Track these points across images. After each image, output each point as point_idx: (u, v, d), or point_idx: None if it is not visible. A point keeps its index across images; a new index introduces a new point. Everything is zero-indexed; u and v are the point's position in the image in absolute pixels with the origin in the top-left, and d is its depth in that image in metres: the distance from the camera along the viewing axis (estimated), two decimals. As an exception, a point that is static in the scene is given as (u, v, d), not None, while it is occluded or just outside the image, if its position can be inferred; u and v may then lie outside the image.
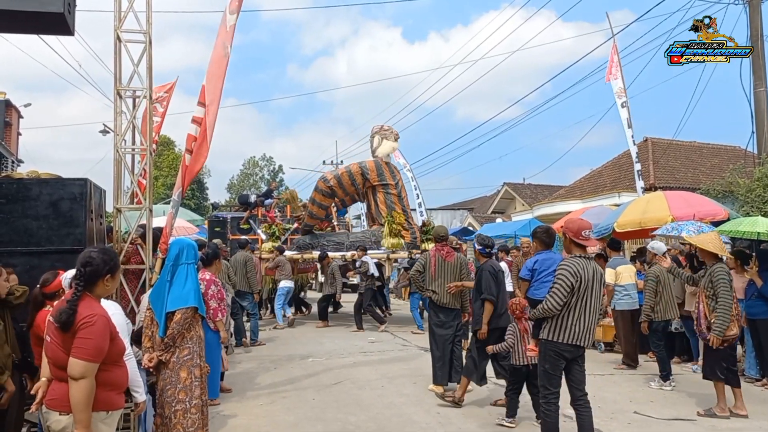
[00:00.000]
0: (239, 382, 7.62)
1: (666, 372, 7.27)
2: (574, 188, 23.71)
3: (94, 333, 2.87)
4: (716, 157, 22.49)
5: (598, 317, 4.66)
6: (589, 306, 4.51)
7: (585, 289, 4.48)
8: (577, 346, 4.52)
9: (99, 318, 2.93)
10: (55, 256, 5.30)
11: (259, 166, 62.76)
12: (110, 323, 3.01)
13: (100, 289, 3.09)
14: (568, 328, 4.49)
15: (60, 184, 5.60)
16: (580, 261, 4.55)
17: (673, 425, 5.76)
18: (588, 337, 4.55)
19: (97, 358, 2.87)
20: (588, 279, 4.49)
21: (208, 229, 17.50)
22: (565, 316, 4.50)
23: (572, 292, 4.46)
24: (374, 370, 8.28)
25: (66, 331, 2.88)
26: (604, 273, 4.63)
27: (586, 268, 4.51)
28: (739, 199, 12.83)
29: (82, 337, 2.86)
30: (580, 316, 4.50)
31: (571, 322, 4.49)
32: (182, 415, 4.32)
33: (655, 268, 7.53)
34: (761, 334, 7.29)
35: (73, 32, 5.36)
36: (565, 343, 4.49)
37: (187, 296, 4.46)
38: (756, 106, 13.17)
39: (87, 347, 2.84)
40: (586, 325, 4.51)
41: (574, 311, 4.49)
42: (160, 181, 39.39)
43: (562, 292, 4.45)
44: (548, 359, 4.60)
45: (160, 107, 12.17)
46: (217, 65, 6.87)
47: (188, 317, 4.44)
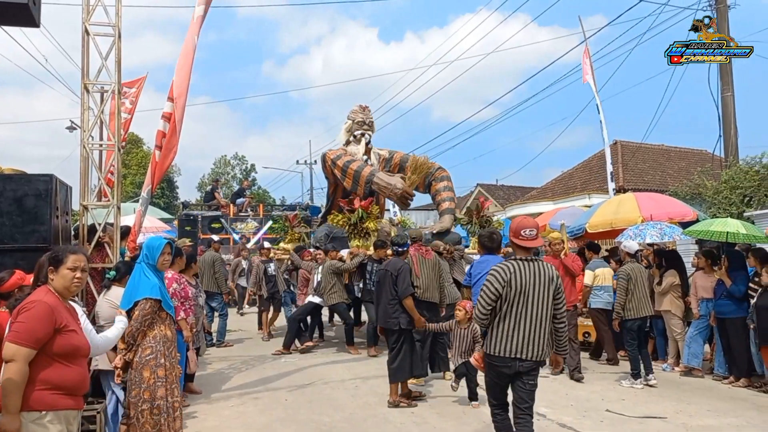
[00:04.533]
0: (210, 383, 7.49)
1: (637, 371, 7.30)
2: (545, 189, 23.98)
3: (29, 317, 2.84)
4: (683, 160, 22.96)
5: (547, 326, 4.10)
6: (529, 313, 4.02)
7: (519, 294, 4.00)
8: (516, 359, 4.02)
9: (39, 304, 2.90)
10: (18, 254, 5.13)
11: (231, 164, 62.11)
12: (57, 314, 2.94)
13: (57, 282, 3.09)
14: (503, 340, 4.04)
15: (24, 180, 5.42)
16: (515, 264, 4.07)
17: (645, 423, 5.81)
18: (532, 348, 4.02)
19: (28, 343, 2.80)
20: (524, 283, 4.01)
21: (179, 227, 17.27)
22: (498, 325, 4.07)
23: (502, 299, 4.02)
24: (347, 370, 8.21)
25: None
26: (555, 274, 4.17)
27: (521, 272, 4.03)
28: (706, 201, 13.10)
29: (17, 321, 2.85)
30: (517, 326, 4.01)
31: (505, 333, 4.03)
32: (148, 414, 4.27)
33: (626, 266, 7.58)
34: (730, 332, 7.41)
35: (38, 24, 5.18)
36: (501, 356, 4.04)
37: (134, 291, 4.40)
38: (723, 110, 13.47)
39: (19, 330, 2.82)
40: (526, 336, 4.01)
41: (507, 320, 4.03)
42: (129, 179, 38.75)
43: (485, 299, 4.04)
44: (489, 372, 4.26)
45: (129, 103, 11.97)
46: (185, 58, 6.79)
47: (147, 313, 4.33)
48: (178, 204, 29.67)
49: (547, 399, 6.48)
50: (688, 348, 7.86)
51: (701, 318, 7.84)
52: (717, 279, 7.66)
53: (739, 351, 7.36)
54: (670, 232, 8.73)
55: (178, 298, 6.27)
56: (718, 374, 7.70)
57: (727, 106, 13.48)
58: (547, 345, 4.12)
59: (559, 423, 5.75)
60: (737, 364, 7.41)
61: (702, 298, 7.85)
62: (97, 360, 4.93)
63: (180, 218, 18.17)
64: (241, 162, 62.09)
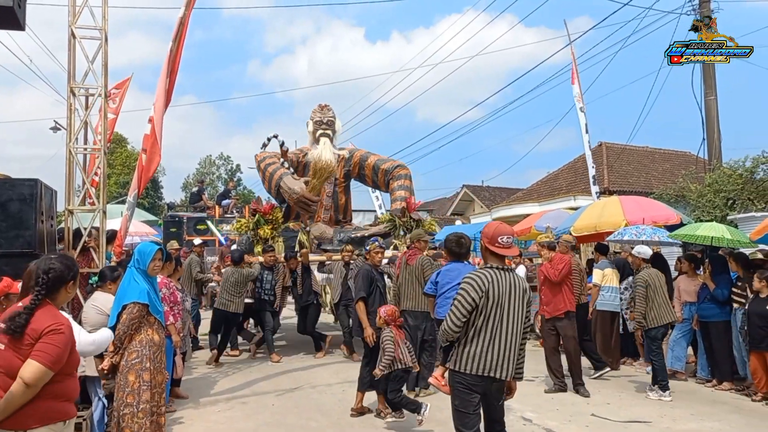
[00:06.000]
0: (196, 387, 7.45)
1: (665, 381, 6.94)
2: (531, 191, 24.10)
3: (60, 341, 2.78)
4: (668, 162, 23.18)
5: (518, 342, 3.76)
6: (504, 328, 3.67)
7: (496, 306, 3.65)
8: (489, 379, 3.67)
9: (67, 327, 2.85)
10: (3, 259, 5.09)
11: (216, 165, 61.77)
12: (73, 334, 2.93)
13: (62, 296, 3.01)
14: (477, 357, 3.65)
15: (9, 184, 5.38)
16: (491, 273, 3.71)
17: (630, 427, 5.86)
18: (506, 367, 3.68)
19: (55, 367, 2.77)
20: (500, 294, 3.66)
21: (164, 229, 17.16)
22: (472, 340, 3.67)
23: (477, 311, 3.65)
24: (334, 374, 8.21)
25: (19, 337, 2.75)
26: (528, 286, 3.89)
27: (498, 282, 3.68)
28: (690, 204, 13.22)
29: (48, 343, 2.75)
30: (492, 342, 3.65)
31: (479, 349, 3.65)
32: (130, 419, 4.31)
33: (643, 272, 7.18)
34: (713, 336, 7.51)
35: (23, 27, 5.17)
36: (472, 374, 3.66)
37: (123, 295, 4.47)
38: (707, 113, 13.61)
39: (50, 353, 2.74)
40: (500, 353, 3.65)
41: (482, 335, 3.65)
42: (113, 179, 38.40)
43: (460, 310, 3.64)
44: (457, 394, 3.76)
45: (113, 104, 11.87)
46: (167, 60, 6.80)
47: (134, 317, 4.42)
48: (162, 205, 29.50)
49: (532, 403, 6.53)
50: (672, 351, 7.96)
51: (684, 321, 7.93)
52: (701, 283, 7.75)
53: (722, 354, 7.45)
54: (654, 234, 8.79)
55: (168, 302, 6.24)
56: (701, 377, 7.79)
57: (710, 109, 13.62)
58: (516, 364, 3.81)
59: (545, 428, 5.79)
60: (720, 368, 7.50)
61: (685, 301, 7.95)
62: (83, 366, 4.90)
63: (165, 220, 18.07)
64: (226, 162, 61.76)
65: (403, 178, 11.18)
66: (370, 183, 12.17)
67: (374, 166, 11.49)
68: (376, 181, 11.77)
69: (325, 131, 11.23)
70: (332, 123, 11.47)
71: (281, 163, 10.82)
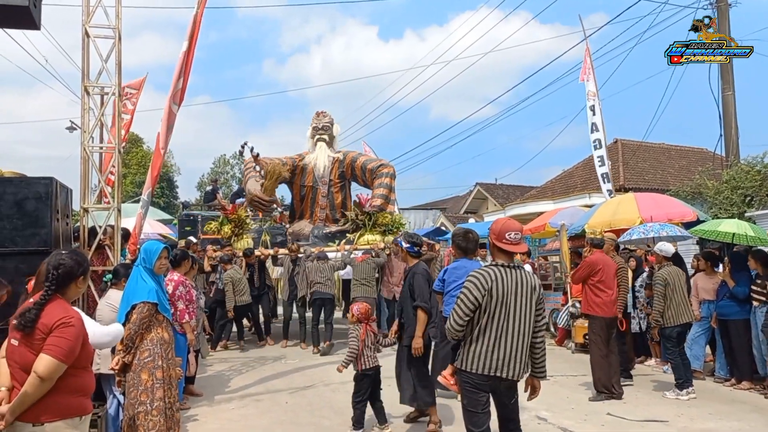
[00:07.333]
0: (210, 385, 7.49)
1: (682, 380, 6.85)
2: (545, 189, 23.92)
3: (71, 334, 2.81)
4: (684, 159, 22.92)
5: (528, 341, 3.69)
6: (511, 327, 3.60)
7: (500, 304, 3.58)
8: (496, 378, 3.62)
9: (77, 320, 2.88)
10: (19, 257, 5.12)
11: (231, 164, 62.03)
12: (84, 327, 2.95)
13: (72, 291, 3.04)
14: (482, 356, 3.60)
15: (24, 183, 5.40)
16: (496, 270, 3.64)
17: (646, 426, 5.80)
18: (513, 366, 3.61)
19: (68, 359, 2.79)
20: (506, 293, 3.59)
21: (179, 228, 17.22)
22: (477, 339, 3.63)
23: (481, 310, 3.60)
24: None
25: (30, 332, 2.78)
26: (538, 283, 3.79)
27: (503, 280, 3.60)
28: (707, 201, 13.08)
29: (59, 336, 2.78)
30: (498, 341, 3.59)
31: (484, 348, 3.60)
32: (144, 417, 4.34)
33: (663, 270, 7.09)
34: (732, 334, 7.40)
35: (39, 26, 5.20)
36: (479, 374, 3.61)
37: (132, 295, 4.49)
38: (724, 109, 13.45)
39: (62, 346, 2.77)
40: (507, 353, 3.59)
41: (488, 334, 3.60)
42: (129, 179, 38.69)
43: (462, 309, 3.60)
44: (465, 393, 3.73)
45: (130, 104, 11.95)
46: (180, 58, 6.86)
47: (145, 316, 4.44)
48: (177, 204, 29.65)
49: (547, 402, 6.47)
50: (690, 350, 7.84)
51: (702, 320, 7.83)
52: (720, 280, 7.64)
53: (741, 353, 7.34)
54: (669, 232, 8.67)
55: (184, 300, 6.27)
56: (720, 376, 7.69)
57: (727, 105, 13.47)
58: (527, 362, 3.74)
59: (560, 427, 5.74)
60: (739, 366, 7.39)
61: (703, 299, 7.84)
62: (98, 363, 4.93)
63: (180, 219, 18.15)
64: (240, 161, 62.00)
65: (384, 176, 12.00)
66: (361, 182, 12.82)
67: (362, 167, 12.30)
68: (365, 180, 12.49)
69: (321, 136, 12.36)
70: (328, 128, 12.50)
71: (254, 167, 11.80)
